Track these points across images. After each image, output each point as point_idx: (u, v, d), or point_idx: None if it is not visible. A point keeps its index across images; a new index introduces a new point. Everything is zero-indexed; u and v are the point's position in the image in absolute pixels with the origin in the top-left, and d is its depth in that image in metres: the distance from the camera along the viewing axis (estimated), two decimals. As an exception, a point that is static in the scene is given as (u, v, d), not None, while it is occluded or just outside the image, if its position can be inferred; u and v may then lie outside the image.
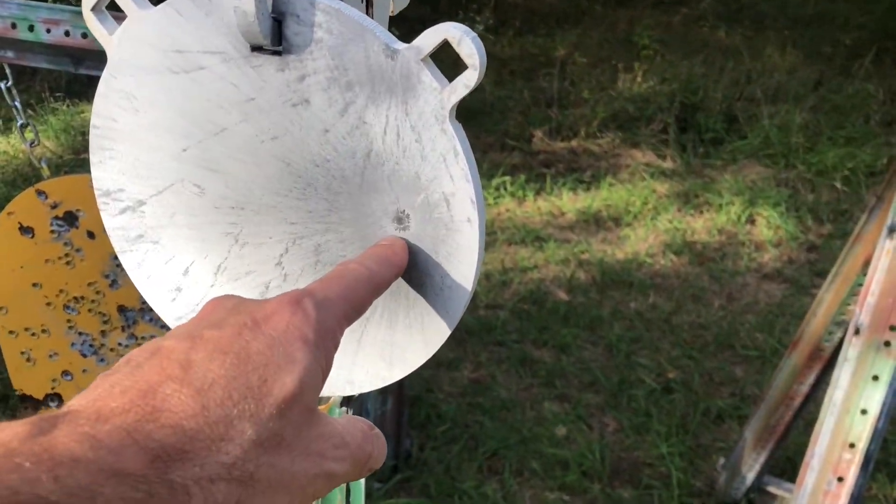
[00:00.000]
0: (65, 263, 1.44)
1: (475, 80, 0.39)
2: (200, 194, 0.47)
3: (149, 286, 0.51)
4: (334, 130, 0.42)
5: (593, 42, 5.06)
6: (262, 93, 0.43)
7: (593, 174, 3.63)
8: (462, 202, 0.41)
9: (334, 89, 0.41)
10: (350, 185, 0.43)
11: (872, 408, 1.27)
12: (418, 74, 0.39)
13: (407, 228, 0.43)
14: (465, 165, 0.41)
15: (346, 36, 0.40)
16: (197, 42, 0.43)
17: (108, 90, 0.46)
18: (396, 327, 0.45)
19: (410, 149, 0.41)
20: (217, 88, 0.43)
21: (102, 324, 1.47)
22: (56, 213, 1.39)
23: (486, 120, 4.12)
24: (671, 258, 2.98)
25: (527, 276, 2.85)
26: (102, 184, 0.49)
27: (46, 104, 4.07)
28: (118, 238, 0.50)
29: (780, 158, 3.60)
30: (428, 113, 0.40)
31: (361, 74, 0.40)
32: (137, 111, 0.46)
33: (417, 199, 0.42)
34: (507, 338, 2.51)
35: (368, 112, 0.41)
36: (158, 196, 0.48)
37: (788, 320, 2.62)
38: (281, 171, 0.44)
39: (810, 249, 3.05)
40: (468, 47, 0.38)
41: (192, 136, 0.45)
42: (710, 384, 2.35)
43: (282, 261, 0.47)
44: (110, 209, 0.49)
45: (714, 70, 4.39)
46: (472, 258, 0.42)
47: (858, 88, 4.16)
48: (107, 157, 0.48)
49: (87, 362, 1.50)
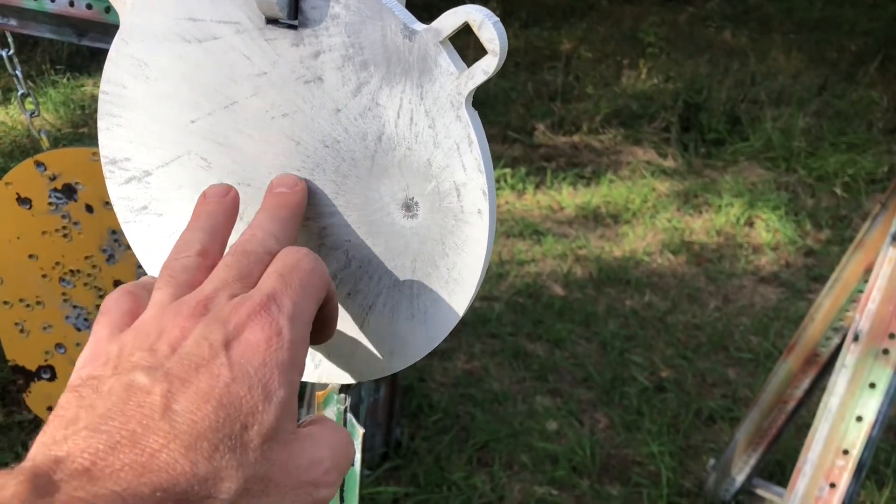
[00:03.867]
0: (62, 236, 1.42)
1: (494, 67, 0.38)
2: (207, 168, 0.46)
3: (150, 258, 0.50)
4: (346, 111, 0.41)
5: (599, 37, 5.04)
6: (275, 67, 0.42)
7: (594, 170, 3.62)
8: (473, 193, 0.40)
9: (349, 68, 0.40)
10: (359, 168, 0.42)
11: (868, 415, 1.27)
12: (435, 57, 0.38)
13: (415, 216, 0.42)
14: (479, 155, 0.40)
15: (363, 13, 0.39)
16: (211, 11, 0.42)
17: (119, 56, 0.45)
18: (399, 318, 0.44)
19: (423, 134, 0.40)
20: (229, 60, 0.42)
21: (98, 298, 1.46)
22: (55, 185, 1.38)
23: (489, 111, 4.11)
24: (668, 257, 2.98)
25: (523, 270, 2.85)
26: (109, 151, 0.48)
27: (47, 76, 4.04)
28: (122, 208, 0.49)
29: (781, 162, 3.59)
30: (443, 98, 0.39)
31: (377, 54, 0.39)
32: (148, 78, 0.45)
33: (428, 186, 0.41)
34: (502, 330, 2.50)
35: (382, 94, 0.40)
36: (165, 167, 0.47)
37: (783, 324, 2.62)
38: (290, 150, 0.43)
39: (808, 254, 3.05)
40: (489, 32, 0.37)
41: (202, 107, 0.44)
42: (702, 385, 2.35)
43: (286, 242, 0.46)
44: (116, 178, 0.48)
45: (719, 70, 4.38)
46: (480, 251, 0.41)
47: (862, 95, 4.15)
48: (114, 125, 0.47)
49: (81, 336, 1.49)
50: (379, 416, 1.86)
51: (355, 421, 0.63)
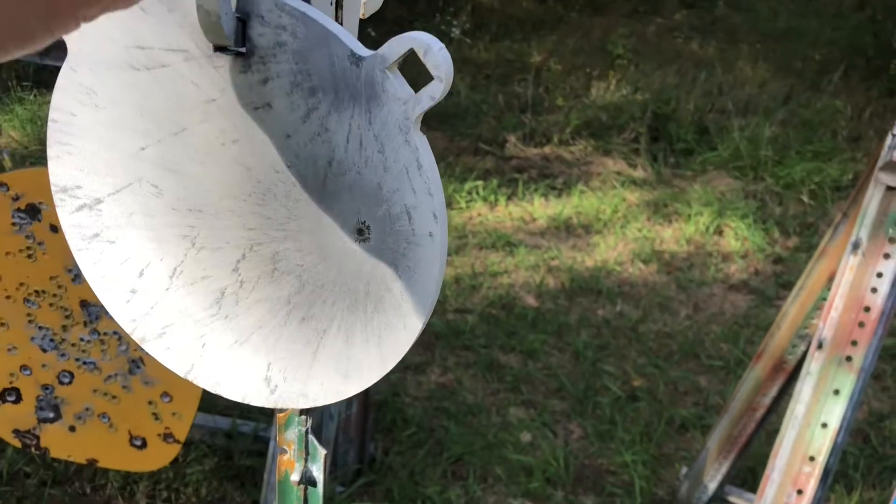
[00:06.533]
0: (26, 256, 1.41)
1: (440, 92, 0.38)
2: (158, 195, 0.45)
3: (103, 286, 0.49)
4: (296, 136, 0.41)
5: (568, 49, 5.08)
6: (224, 94, 0.42)
7: (565, 181, 3.64)
8: (425, 216, 0.41)
9: (297, 94, 0.41)
10: (310, 192, 0.42)
11: (832, 422, 1.28)
12: (382, 83, 0.39)
13: (367, 240, 0.42)
14: (429, 178, 0.40)
15: (310, 40, 0.39)
16: (159, 39, 0.42)
17: (68, 83, 0.45)
18: (354, 341, 0.44)
19: (373, 159, 0.40)
20: (178, 87, 0.42)
21: (64, 318, 1.44)
22: (18, 206, 1.36)
23: (461, 123, 4.12)
24: (639, 266, 3.00)
25: (496, 281, 2.85)
26: (59, 179, 0.47)
27: (13, 93, 3.99)
28: (74, 236, 0.49)
29: (749, 171, 3.64)
30: (391, 123, 0.39)
31: (325, 80, 0.40)
32: (97, 106, 0.45)
33: (379, 210, 0.41)
34: (475, 342, 2.51)
35: (331, 119, 0.40)
36: (116, 195, 0.47)
37: (753, 331, 2.65)
38: (240, 176, 0.43)
39: (776, 261, 3.09)
40: (434, 58, 0.38)
41: (152, 134, 0.44)
42: (674, 393, 2.37)
43: (238, 267, 0.46)
44: (67, 206, 0.48)
45: (686, 81, 4.44)
46: (432, 273, 0.41)
47: (827, 104, 4.22)
48: (64, 153, 0.46)
49: (46, 357, 1.46)
50: (352, 431, 1.86)
51: (317, 443, 0.62)
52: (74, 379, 1.44)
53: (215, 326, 0.47)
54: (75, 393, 1.43)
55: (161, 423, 1.35)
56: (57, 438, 1.43)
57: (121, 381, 1.40)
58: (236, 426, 1.95)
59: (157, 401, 1.35)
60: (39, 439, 1.44)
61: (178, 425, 1.33)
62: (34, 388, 1.46)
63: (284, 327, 0.46)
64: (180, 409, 1.33)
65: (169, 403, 1.33)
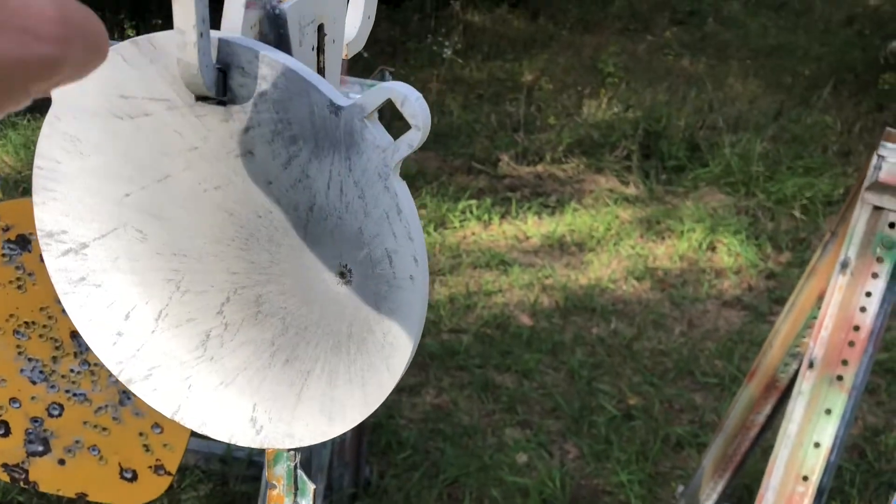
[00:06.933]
0: (16, 287, 1.40)
1: (418, 141, 0.39)
2: (143, 240, 0.46)
3: (90, 329, 0.50)
4: (277, 183, 0.42)
5: (559, 68, 5.12)
6: (207, 142, 0.42)
7: (558, 199, 3.66)
8: (405, 259, 0.41)
9: (278, 142, 0.41)
10: (292, 237, 0.43)
11: (825, 441, 1.29)
12: (361, 132, 0.40)
13: (349, 283, 0.43)
14: (409, 223, 0.41)
15: (290, 90, 0.40)
16: (142, 88, 0.43)
17: (53, 131, 0.45)
18: (337, 382, 0.45)
19: (353, 204, 0.41)
20: (161, 135, 0.43)
21: (54, 350, 1.44)
22: (8, 237, 1.36)
23: (453, 143, 4.14)
24: (633, 284, 3.01)
25: (491, 301, 2.86)
26: (45, 225, 0.48)
27: (6, 118, 4.00)
28: (60, 279, 0.49)
29: (740, 186, 3.66)
30: (371, 170, 0.40)
31: (305, 129, 0.40)
32: (82, 154, 0.45)
33: (360, 254, 0.42)
34: (470, 362, 2.50)
35: (312, 166, 0.41)
36: (101, 239, 0.47)
37: (747, 347, 2.65)
38: (223, 221, 0.44)
39: (769, 277, 3.10)
40: (411, 108, 0.39)
41: (136, 181, 0.45)
42: (670, 411, 2.37)
43: (223, 310, 0.46)
44: (53, 250, 0.48)
45: (677, 98, 4.47)
46: (414, 315, 0.42)
47: (817, 119, 4.25)
48: (50, 199, 0.47)
49: (36, 389, 1.46)
50: (346, 455, 1.85)
51: (306, 478, 0.63)
52: (64, 411, 1.43)
53: (201, 368, 0.48)
54: (65, 425, 1.43)
55: (152, 454, 1.35)
56: (46, 472, 1.43)
57: (111, 413, 1.39)
58: (231, 451, 1.94)
59: (148, 432, 1.35)
60: (28, 473, 1.43)
61: (169, 457, 1.32)
62: (23, 421, 1.45)
63: (269, 369, 0.46)
64: (171, 440, 1.32)
65: (160, 434, 1.33)
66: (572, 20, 6.16)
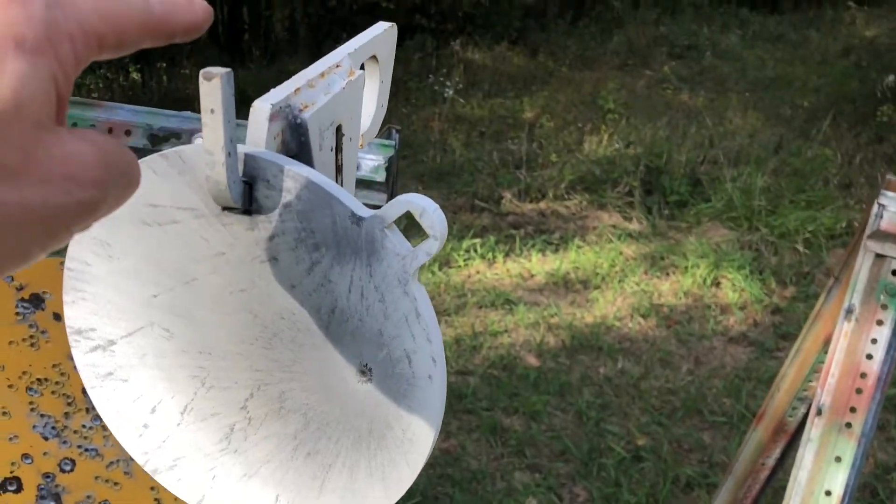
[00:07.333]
0: (29, 345, 1.42)
1: (436, 249, 0.41)
2: (169, 338, 0.48)
3: (116, 421, 0.51)
4: (300, 287, 0.44)
5: (560, 105, 5.17)
6: (232, 248, 0.44)
7: (562, 236, 3.68)
8: (424, 359, 0.43)
9: (301, 249, 0.43)
10: (315, 337, 0.44)
11: (836, 489, 1.29)
12: (382, 241, 0.41)
13: (370, 381, 0.44)
14: (427, 326, 0.42)
15: (314, 202, 0.42)
16: (170, 198, 0.44)
17: (83, 236, 0.47)
18: (358, 476, 0.46)
19: (374, 308, 0.43)
20: (189, 241, 0.45)
21: (66, 406, 1.45)
22: (22, 295, 1.38)
23: (456, 181, 4.18)
24: (639, 321, 3.01)
25: (497, 341, 2.86)
26: (74, 322, 0.50)
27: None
28: (88, 374, 0.51)
29: (743, 221, 3.68)
30: (391, 276, 0.42)
31: (328, 237, 0.42)
32: (111, 257, 0.47)
33: (380, 354, 0.43)
34: (478, 405, 2.50)
35: (334, 271, 0.43)
36: (129, 337, 0.49)
37: (755, 384, 2.65)
38: (248, 322, 0.45)
39: (774, 312, 3.10)
40: (429, 219, 0.40)
41: (163, 283, 0.46)
42: (679, 452, 2.36)
43: (247, 405, 0.47)
44: (81, 346, 0.50)
45: (678, 133, 4.51)
46: (433, 413, 0.43)
47: (817, 152, 4.29)
48: (79, 298, 0.49)
49: (48, 445, 1.46)
50: (356, 504, 1.85)
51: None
52: (76, 466, 1.44)
53: (225, 460, 0.49)
54: (77, 481, 1.43)
55: (165, 510, 1.35)
56: (61, 529, 1.43)
57: (123, 468, 1.40)
58: None
59: (160, 486, 1.35)
60: (43, 529, 1.43)
61: (182, 512, 1.33)
62: (35, 477, 1.46)
63: (291, 461, 0.48)
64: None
65: (174, 490, 1.33)
66: (571, 56, 6.23)
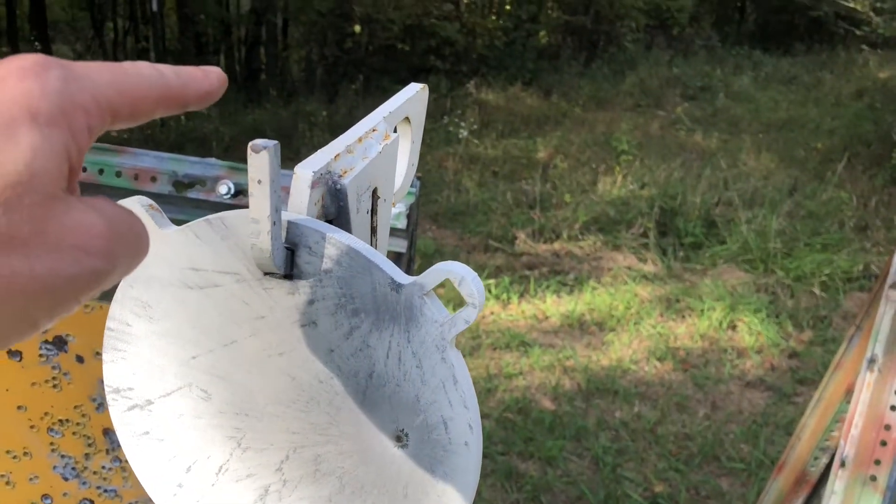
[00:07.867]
0: (51, 387, 1.43)
1: (474, 317, 0.41)
2: (207, 399, 0.48)
3: (151, 479, 0.52)
4: (339, 351, 0.44)
5: (574, 145, 5.20)
6: (273, 312, 0.45)
7: (576, 277, 3.67)
8: (460, 426, 0.43)
9: (341, 314, 0.44)
10: (352, 401, 0.45)
11: (860, 543, 1.27)
12: (420, 308, 0.42)
13: (406, 446, 0.44)
14: (464, 392, 0.43)
15: (354, 268, 0.43)
16: (212, 262, 0.45)
17: (125, 297, 0.48)
18: None
19: (411, 373, 0.43)
20: (230, 305, 0.46)
21: (87, 447, 1.45)
22: (45, 338, 1.39)
23: (470, 221, 4.19)
24: (655, 364, 2.99)
25: (512, 384, 2.85)
26: (113, 381, 0.50)
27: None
28: (125, 433, 0.51)
29: (758, 264, 3.67)
30: (429, 342, 0.42)
31: (367, 303, 0.43)
32: (151, 318, 0.48)
33: (416, 419, 0.44)
34: (493, 449, 2.48)
35: (372, 336, 0.43)
36: (166, 397, 0.49)
37: (772, 430, 2.62)
38: (286, 384, 0.46)
39: (791, 356, 3.08)
40: (468, 287, 0.41)
41: (203, 345, 0.47)
42: (696, 498, 2.33)
43: (282, 467, 0.48)
44: (119, 405, 0.51)
45: (692, 174, 4.52)
46: (468, 479, 0.44)
47: (832, 195, 4.28)
48: (119, 358, 0.49)
49: (68, 486, 1.46)
50: (371, 550, 1.83)
51: None
52: (96, 509, 1.44)
53: (259, 521, 0.49)
54: (96, 523, 1.43)
55: (182, 554, 1.34)
56: (78, 573, 1.42)
57: (142, 511, 1.40)
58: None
59: (179, 531, 1.35)
60: (60, 573, 1.42)
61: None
62: (55, 519, 1.45)
63: (326, 524, 0.48)
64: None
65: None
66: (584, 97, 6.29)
